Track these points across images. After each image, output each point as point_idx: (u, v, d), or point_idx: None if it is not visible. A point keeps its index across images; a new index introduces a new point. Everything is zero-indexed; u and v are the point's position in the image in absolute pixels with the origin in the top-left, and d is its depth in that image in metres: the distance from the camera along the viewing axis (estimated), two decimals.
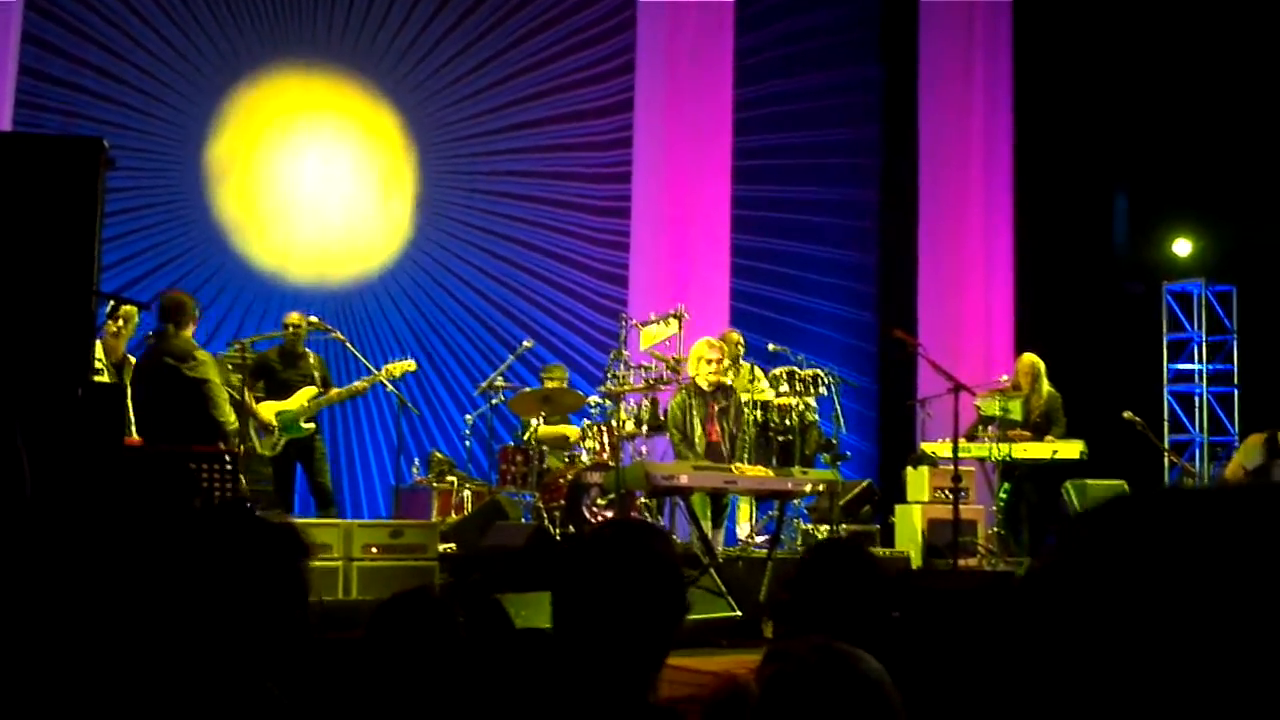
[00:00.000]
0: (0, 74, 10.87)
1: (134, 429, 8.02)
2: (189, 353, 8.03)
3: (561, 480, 9.93)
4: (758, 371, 10.61)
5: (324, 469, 9.78)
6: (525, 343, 11.31)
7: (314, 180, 12.60)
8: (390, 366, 9.93)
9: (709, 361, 9.36)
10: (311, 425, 9.59)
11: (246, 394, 9.26)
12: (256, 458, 9.50)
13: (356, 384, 9.93)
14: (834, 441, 10.79)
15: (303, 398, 9.47)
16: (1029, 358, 10.75)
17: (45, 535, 4.40)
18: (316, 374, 9.70)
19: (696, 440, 9.24)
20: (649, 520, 9.21)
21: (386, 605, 3.38)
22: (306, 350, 9.81)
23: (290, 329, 9.68)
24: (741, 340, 10.76)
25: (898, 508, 10.78)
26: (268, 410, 9.38)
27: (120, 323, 8.38)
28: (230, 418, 8.06)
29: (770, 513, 9.89)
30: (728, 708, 2.28)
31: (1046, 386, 10.61)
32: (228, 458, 7.87)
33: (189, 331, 8.21)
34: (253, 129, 12.32)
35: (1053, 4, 14.11)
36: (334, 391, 9.72)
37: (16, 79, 11.06)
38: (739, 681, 2.30)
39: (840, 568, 3.14)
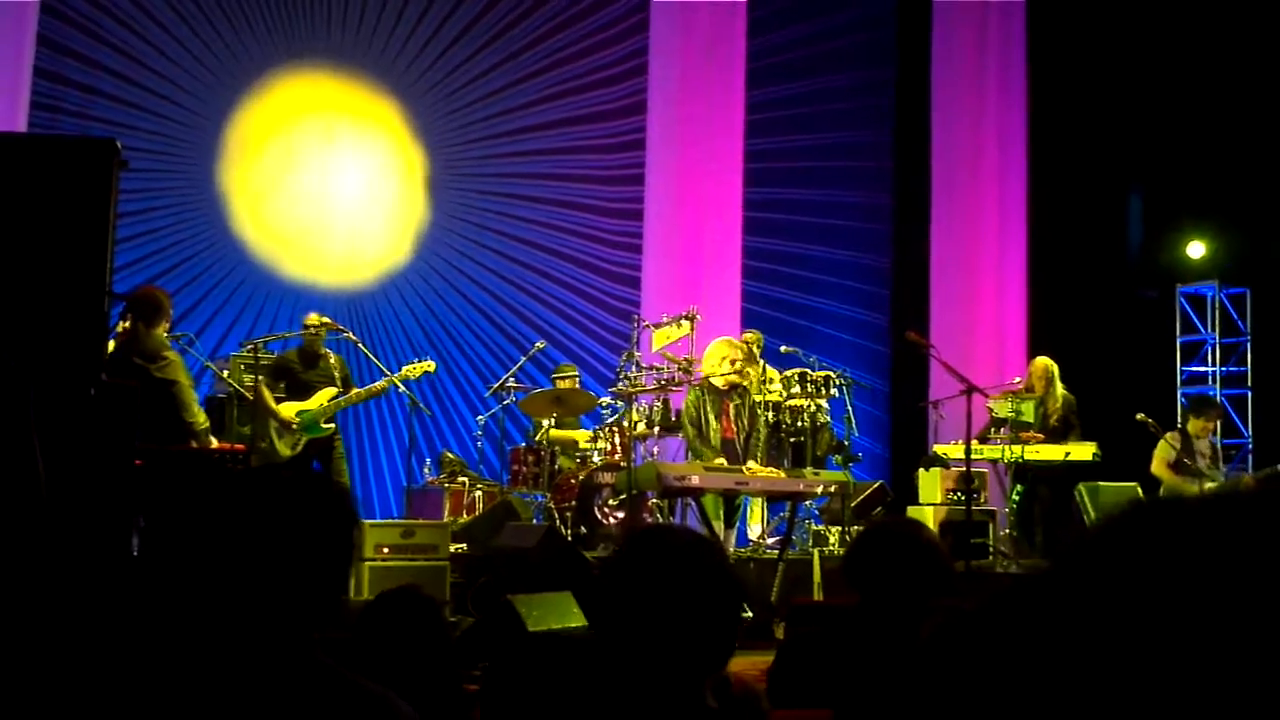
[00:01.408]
0: (16, 76, 10.91)
1: None
2: (158, 352, 7.84)
3: (573, 481, 9.93)
4: (770, 371, 10.61)
5: (343, 469, 9.75)
6: (537, 344, 11.32)
7: (327, 182, 12.62)
8: (409, 368, 9.93)
9: (731, 361, 9.34)
10: (332, 425, 9.58)
11: (266, 394, 9.27)
12: (275, 457, 9.52)
13: (376, 385, 9.89)
14: (846, 443, 10.79)
15: (323, 398, 9.45)
16: (1043, 360, 10.71)
17: (60, 534, 4.42)
18: (337, 374, 9.65)
19: (712, 436, 9.23)
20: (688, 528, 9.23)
21: (374, 604, 3.38)
22: (326, 351, 9.75)
23: (310, 329, 9.65)
24: (759, 340, 10.78)
25: (910, 509, 10.75)
26: (288, 410, 9.37)
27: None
28: (199, 419, 7.88)
29: (782, 514, 9.88)
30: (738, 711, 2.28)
31: (1061, 389, 10.57)
32: (241, 456, 7.89)
33: (160, 330, 8.01)
34: (265, 131, 12.34)
35: (1066, 6, 14.08)
36: (354, 392, 9.68)
37: (32, 81, 11.09)
38: (748, 684, 2.30)
39: (894, 548, 3.14)
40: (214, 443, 8.03)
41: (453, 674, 3.40)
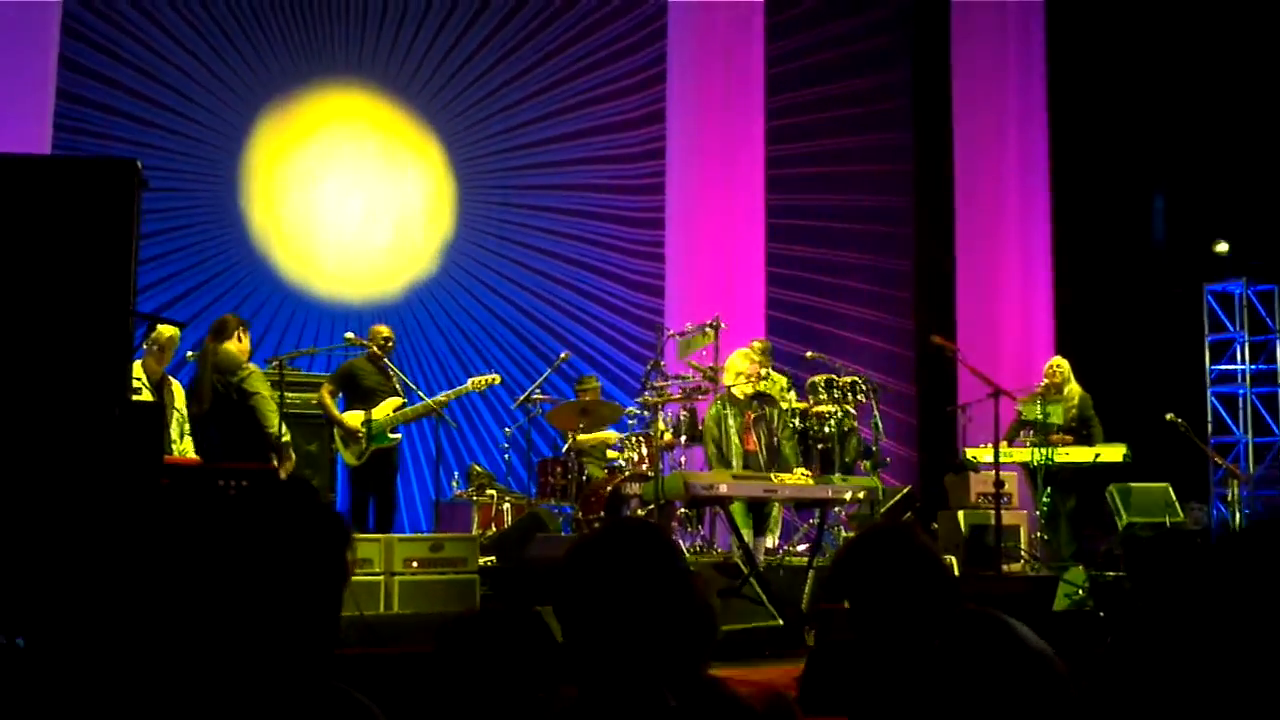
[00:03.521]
0: (39, 99, 10.93)
1: (192, 447, 8.08)
2: (237, 365, 8.04)
3: (601, 491, 9.92)
4: (777, 377, 10.59)
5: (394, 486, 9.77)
6: (562, 355, 11.30)
7: (349, 196, 12.65)
8: (475, 381, 9.91)
9: (747, 378, 9.32)
10: (398, 436, 9.54)
11: (330, 402, 9.34)
12: (300, 469, 9.53)
13: (441, 396, 9.81)
14: (874, 448, 10.74)
15: (388, 407, 9.40)
16: (1054, 360, 10.73)
17: (87, 551, 4.42)
18: (399, 386, 9.64)
19: (733, 451, 9.19)
20: (655, 523, 9.20)
21: (455, 622, 3.38)
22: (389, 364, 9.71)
23: (384, 341, 9.65)
24: (768, 347, 10.71)
25: (940, 514, 10.70)
26: (354, 419, 9.36)
27: (159, 343, 8.39)
28: (276, 427, 8.03)
29: (811, 520, 9.83)
30: None
31: (1076, 387, 10.53)
32: (271, 474, 7.89)
33: (232, 346, 8.17)
34: (287, 146, 12.37)
35: (1086, 3, 14.02)
36: (418, 404, 9.66)
37: (55, 103, 11.13)
38: (779, 694, 2.27)
39: (887, 557, 3.02)
40: (292, 457, 8.09)
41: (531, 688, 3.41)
